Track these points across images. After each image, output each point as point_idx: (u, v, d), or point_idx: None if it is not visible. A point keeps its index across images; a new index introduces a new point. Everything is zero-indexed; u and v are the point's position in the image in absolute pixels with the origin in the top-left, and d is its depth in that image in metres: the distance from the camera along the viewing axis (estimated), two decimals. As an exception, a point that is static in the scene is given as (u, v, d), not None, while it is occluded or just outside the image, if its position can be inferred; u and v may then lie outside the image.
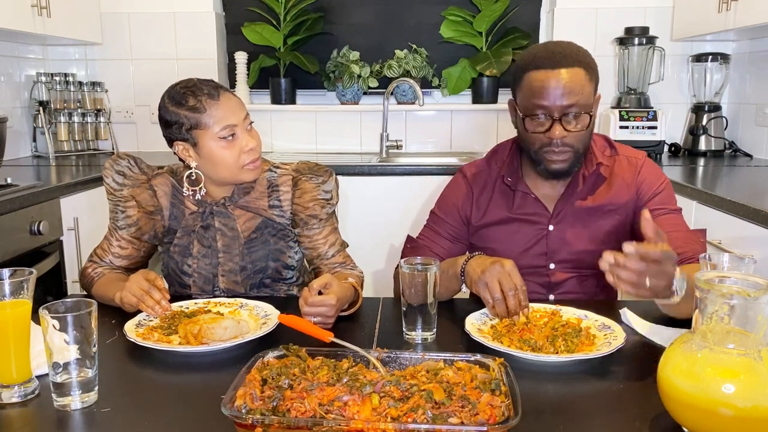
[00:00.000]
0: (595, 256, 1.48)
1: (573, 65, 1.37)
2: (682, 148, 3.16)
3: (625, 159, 1.52)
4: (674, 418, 0.88)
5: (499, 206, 1.54)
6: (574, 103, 1.37)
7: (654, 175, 1.50)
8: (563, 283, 1.52)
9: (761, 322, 0.81)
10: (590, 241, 1.49)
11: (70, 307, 0.94)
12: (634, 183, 1.49)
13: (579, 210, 1.49)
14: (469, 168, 1.61)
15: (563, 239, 1.50)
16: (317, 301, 1.22)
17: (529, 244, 1.51)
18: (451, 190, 1.61)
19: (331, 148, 3.39)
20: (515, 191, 1.52)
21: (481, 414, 0.84)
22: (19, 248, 2.05)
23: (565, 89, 1.36)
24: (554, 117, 1.38)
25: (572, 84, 1.37)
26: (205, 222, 1.51)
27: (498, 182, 1.55)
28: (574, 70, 1.37)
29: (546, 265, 1.51)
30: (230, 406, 0.85)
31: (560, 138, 1.39)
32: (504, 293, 1.23)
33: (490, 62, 3.15)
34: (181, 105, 1.41)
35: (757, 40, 2.95)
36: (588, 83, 1.39)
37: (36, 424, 0.95)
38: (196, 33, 3.28)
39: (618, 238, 1.50)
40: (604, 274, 1.49)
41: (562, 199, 1.50)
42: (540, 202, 1.51)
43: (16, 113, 3.06)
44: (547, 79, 1.37)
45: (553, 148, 1.41)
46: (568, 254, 1.50)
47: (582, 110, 1.38)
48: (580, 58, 1.39)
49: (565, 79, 1.37)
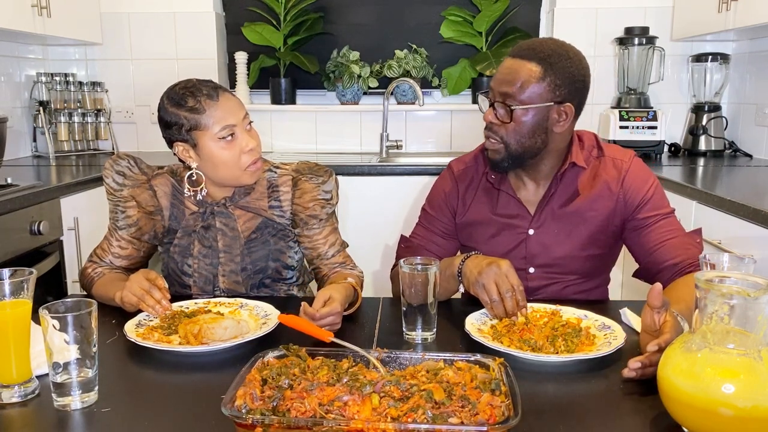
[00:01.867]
0: (575, 261, 1.48)
1: (530, 59, 1.35)
2: (682, 148, 3.16)
3: (610, 161, 1.46)
4: (674, 418, 0.88)
5: (482, 205, 1.52)
6: (506, 92, 1.36)
7: (640, 180, 1.44)
8: (543, 289, 1.49)
9: (761, 322, 0.81)
10: (570, 247, 1.46)
11: (70, 307, 0.94)
12: (619, 189, 1.44)
13: (560, 215, 1.46)
14: (457, 164, 1.59)
15: (543, 244, 1.47)
16: (325, 313, 1.21)
17: (509, 248, 1.49)
18: (439, 186, 1.60)
19: (331, 148, 3.39)
20: (499, 191, 1.50)
21: (481, 414, 0.84)
22: (19, 248, 2.05)
23: (506, 77, 1.36)
24: (490, 99, 1.40)
25: (513, 75, 1.35)
26: (205, 222, 1.51)
27: (483, 180, 1.53)
28: (526, 64, 1.35)
29: (525, 268, 1.48)
30: (230, 406, 0.85)
31: (487, 120, 1.41)
32: (501, 295, 1.23)
33: (490, 62, 3.15)
34: (181, 106, 1.41)
35: (757, 40, 2.95)
36: (537, 82, 1.34)
37: (36, 424, 0.95)
38: (196, 33, 3.28)
39: (600, 245, 1.47)
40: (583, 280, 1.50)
41: (542, 202, 1.47)
42: (522, 205, 1.48)
43: (16, 113, 3.06)
44: (502, 63, 1.40)
45: (488, 132, 1.42)
46: (548, 259, 1.47)
47: (514, 104, 1.35)
48: (544, 57, 1.34)
49: (509, 67, 1.37)
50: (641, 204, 1.43)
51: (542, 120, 1.37)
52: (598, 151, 1.48)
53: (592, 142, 1.50)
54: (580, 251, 1.46)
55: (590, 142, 1.49)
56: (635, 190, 1.44)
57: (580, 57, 1.39)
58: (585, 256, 1.47)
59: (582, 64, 1.39)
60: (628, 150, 1.50)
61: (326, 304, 1.24)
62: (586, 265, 1.48)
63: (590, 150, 1.48)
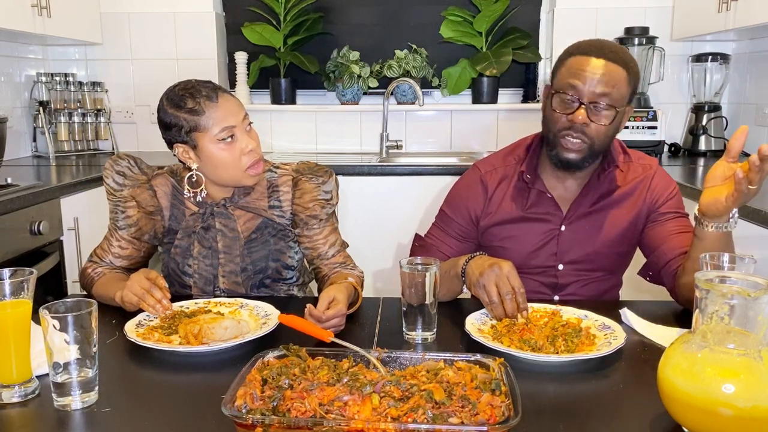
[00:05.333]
0: (603, 258, 1.51)
1: (617, 62, 1.38)
2: (682, 148, 3.17)
3: (639, 166, 1.53)
4: (674, 418, 0.88)
5: (512, 203, 1.53)
6: (606, 93, 1.37)
7: (666, 182, 1.52)
8: (570, 285, 1.52)
9: (761, 322, 0.81)
10: (600, 243, 1.50)
11: (70, 307, 0.94)
12: (647, 190, 1.50)
13: (592, 213, 1.50)
14: (483, 165, 1.59)
15: (574, 240, 1.50)
16: (331, 315, 1.21)
17: (540, 244, 1.51)
18: (462, 188, 1.60)
19: (331, 148, 3.39)
20: (531, 189, 1.51)
21: (481, 414, 0.84)
22: (19, 248, 2.05)
23: (603, 78, 1.37)
24: (582, 101, 1.38)
25: (610, 76, 1.37)
26: (205, 223, 1.51)
27: (515, 179, 1.54)
28: (617, 66, 1.38)
29: (555, 265, 1.51)
30: (230, 406, 0.85)
31: (581, 123, 1.39)
32: (501, 296, 1.24)
33: (490, 62, 3.15)
34: (180, 107, 1.41)
35: (757, 40, 2.95)
36: (625, 85, 1.39)
37: (36, 424, 0.95)
38: (196, 33, 3.28)
39: (627, 242, 1.52)
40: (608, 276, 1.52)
41: (576, 200, 1.50)
42: (555, 202, 1.51)
43: (16, 113, 3.06)
44: (588, 63, 1.38)
45: (572, 132, 1.40)
46: (578, 256, 1.50)
47: (612, 105, 1.38)
48: (626, 60, 1.39)
49: (604, 68, 1.37)
50: (665, 200, 1.50)
51: (621, 121, 1.43)
52: (624, 156, 1.54)
53: (618, 147, 1.55)
54: (609, 248, 1.51)
55: (617, 148, 1.54)
56: (661, 189, 1.51)
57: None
58: (614, 252, 1.52)
59: None
60: (653, 157, 1.59)
61: (331, 305, 1.23)
62: (612, 262, 1.53)
63: (617, 155, 1.53)
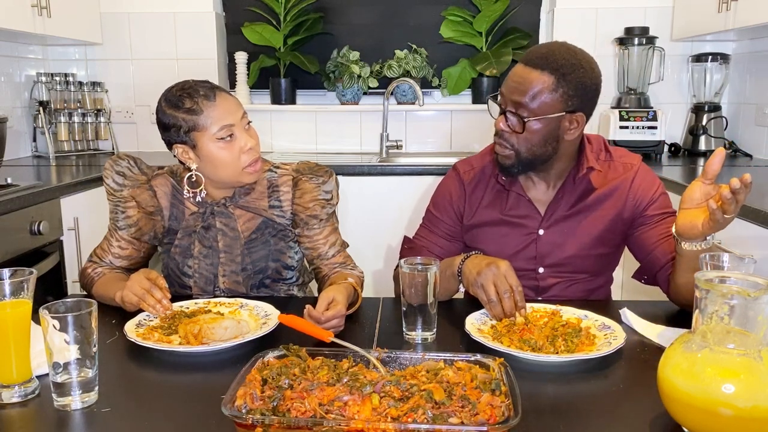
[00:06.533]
0: (584, 260, 1.49)
1: (542, 68, 1.33)
2: (682, 148, 3.17)
3: (620, 165, 1.49)
4: (674, 418, 0.88)
5: (491, 206, 1.52)
6: (518, 101, 1.35)
7: (648, 182, 1.48)
8: (552, 288, 1.50)
9: (761, 322, 0.81)
10: (579, 247, 1.47)
11: (70, 307, 0.94)
12: (628, 190, 1.46)
13: (570, 215, 1.48)
14: (463, 165, 1.59)
15: (553, 244, 1.48)
16: (330, 316, 1.21)
17: (519, 248, 1.49)
18: (444, 187, 1.60)
19: (331, 148, 3.39)
20: (509, 191, 1.50)
21: (481, 414, 0.84)
22: (19, 248, 2.05)
23: (518, 86, 1.35)
24: (503, 107, 1.39)
25: (525, 84, 1.34)
26: (206, 222, 1.50)
27: (492, 181, 1.53)
28: (538, 74, 1.33)
29: (535, 268, 1.50)
30: (230, 406, 0.85)
31: (498, 128, 1.40)
32: (499, 295, 1.24)
33: (490, 62, 3.15)
34: (178, 108, 1.41)
35: (757, 40, 2.95)
36: (549, 92, 1.33)
37: (36, 424, 0.95)
38: (196, 33, 3.28)
39: (608, 244, 1.49)
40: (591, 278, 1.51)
41: (553, 203, 1.48)
42: (532, 205, 1.49)
43: (16, 113, 3.06)
44: (514, 69, 1.38)
45: (499, 139, 1.41)
46: (558, 259, 1.49)
47: (527, 115, 1.35)
48: (557, 66, 1.33)
49: (522, 76, 1.35)
50: (650, 202, 1.46)
51: (554, 129, 1.37)
52: (606, 154, 1.51)
53: (600, 145, 1.52)
54: (589, 250, 1.48)
55: (598, 146, 1.52)
56: (644, 190, 1.47)
57: (592, 65, 1.39)
58: (593, 255, 1.49)
59: (594, 72, 1.39)
60: (636, 154, 1.54)
61: (330, 306, 1.23)
62: (594, 264, 1.50)
63: (598, 153, 1.51)
